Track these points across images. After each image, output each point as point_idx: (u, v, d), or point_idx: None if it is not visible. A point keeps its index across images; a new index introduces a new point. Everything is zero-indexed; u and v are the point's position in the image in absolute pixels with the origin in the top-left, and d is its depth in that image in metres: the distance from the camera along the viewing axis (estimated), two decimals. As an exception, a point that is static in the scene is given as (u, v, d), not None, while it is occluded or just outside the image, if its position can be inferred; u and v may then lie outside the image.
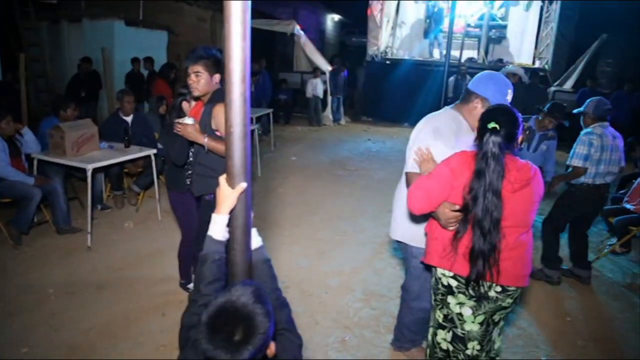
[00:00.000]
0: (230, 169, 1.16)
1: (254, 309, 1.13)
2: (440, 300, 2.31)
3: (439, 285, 2.28)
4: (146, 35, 10.95)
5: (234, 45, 1.08)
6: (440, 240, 2.22)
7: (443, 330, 2.34)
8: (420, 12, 14.08)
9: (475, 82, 2.46)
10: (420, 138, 2.42)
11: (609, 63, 11.55)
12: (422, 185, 2.14)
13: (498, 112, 2.09)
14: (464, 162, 2.09)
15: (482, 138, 2.04)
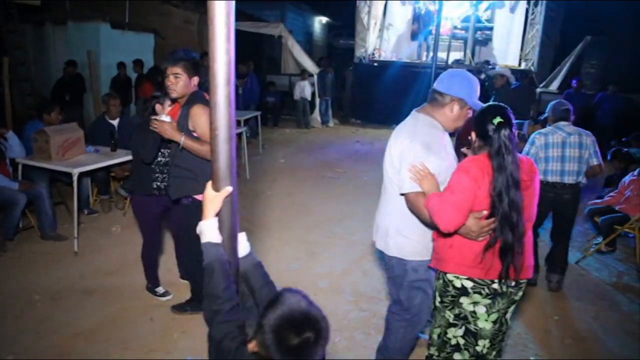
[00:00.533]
0: (216, 172, 1.16)
1: (316, 312, 1.17)
2: (450, 301, 2.30)
3: (449, 287, 2.26)
4: (132, 38, 10.87)
5: (218, 48, 1.07)
6: (457, 248, 2.19)
7: (454, 327, 2.34)
8: (408, 14, 14.16)
9: (445, 83, 2.35)
10: (413, 156, 2.24)
11: (593, 65, 11.70)
12: (450, 201, 2.05)
13: (496, 109, 2.13)
14: (480, 168, 2.09)
15: (490, 135, 2.08)
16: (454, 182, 2.12)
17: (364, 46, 13.56)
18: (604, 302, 4.04)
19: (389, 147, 2.44)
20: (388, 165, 2.43)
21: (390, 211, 2.46)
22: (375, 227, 2.62)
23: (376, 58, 13.91)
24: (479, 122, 2.17)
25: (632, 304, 4.01)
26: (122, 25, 10.73)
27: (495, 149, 2.05)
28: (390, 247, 2.48)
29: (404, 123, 2.49)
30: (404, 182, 2.26)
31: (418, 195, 2.21)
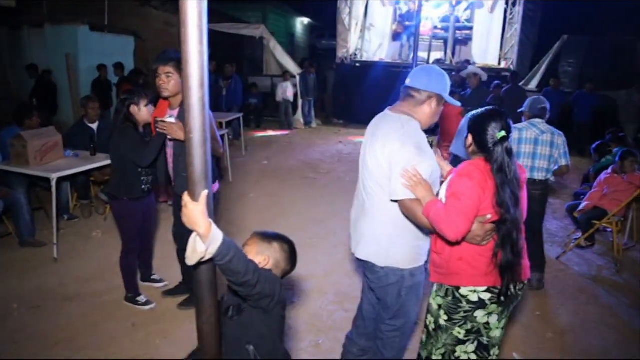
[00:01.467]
0: (191, 176, 1.15)
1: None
2: (462, 317, 2.19)
3: (463, 303, 2.17)
4: (112, 40, 10.76)
5: (191, 50, 1.07)
6: (468, 260, 2.13)
7: (464, 344, 2.25)
8: (388, 15, 14.25)
9: (422, 79, 2.28)
10: (406, 160, 2.13)
11: (570, 63, 11.91)
12: (457, 209, 1.99)
13: (499, 118, 2.08)
14: (482, 173, 2.05)
15: (491, 148, 2.05)
16: (457, 188, 2.04)
17: (346, 47, 13.62)
18: (583, 296, 4.11)
19: (372, 150, 2.29)
20: (374, 169, 2.27)
21: (381, 219, 2.32)
22: (359, 237, 2.44)
23: (358, 58, 13.97)
24: (478, 130, 2.12)
25: (611, 297, 4.09)
26: (101, 27, 10.61)
27: (499, 165, 2.02)
28: (383, 257, 2.33)
29: (384, 124, 2.33)
30: (397, 189, 2.15)
31: (413, 202, 2.12)
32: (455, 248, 2.12)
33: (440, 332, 2.28)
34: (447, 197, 2.06)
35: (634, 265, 4.78)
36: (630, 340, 3.48)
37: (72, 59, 9.71)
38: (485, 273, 2.11)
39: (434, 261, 2.27)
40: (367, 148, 2.37)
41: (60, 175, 4.32)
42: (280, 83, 12.02)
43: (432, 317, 2.33)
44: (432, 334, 2.33)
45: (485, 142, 2.06)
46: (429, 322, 2.36)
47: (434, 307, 2.32)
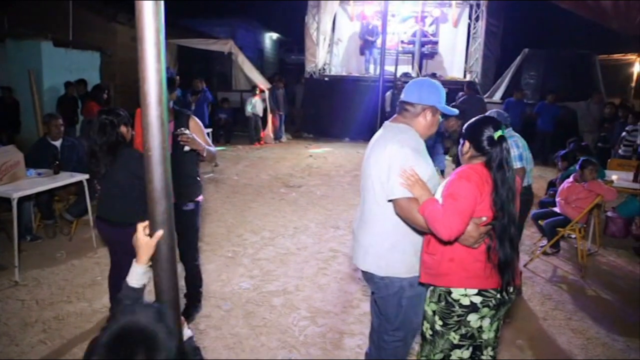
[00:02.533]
0: (151, 194, 1.13)
1: (155, 329, 1.07)
2: (455, 322, 2.23)
3: (455, 307, 2.20)
4: (77, 56, 10.56)
5: (148, 68, 1.06)
6: (459, 261, 2.17)
7: (459, 349, 2.30)
8: (355, 30, 14.45)
9: (415, 93, 2.35)
10: (404, 161, 2.19)
11: (532, 75, 12.30)
12: (453, 209, 2.02)
13: (494, 122, 2.19)
14: (480, 175, 2.12)
15: (488, 149, 2.14)
16: (455, 189, 2.09)
17: (314, 61, 13.73)
18: (551, 301, 4.19)
19: (373, 158, 2.34)
20: (375, 175, 2.30)
21: (381, 228, 2.35)
22: (359, 248, 2.46)
23: (327, 73, 14.10)
24: (474, 134, 2.19)
25: (577, 302, 4.18)
26: (66, 43, 10.41)
27: (498, 163, 2.11)
28: (383, 267, 2.35)
29: (383, 134, 2.41)
30: (394, 188, 2.19)
31: (410, 201, 2.15)
32: (448, 249, 2.16)
33: (437, 337, 2.32)
34: (444, 197, 2.10)
35: (597, 270, 4.92)
36: (595, 344, 3.56)
37: (36, 75, 9.48)
38: (476, 275, 2.16)
39: (425, 262, 2.29)
40: (367, 159, 2.42)
41: (22, 195, 4.19)
42: (250, 98, 12.01)
43: (428, 323, 2.36)
44: (430, 339, 2.36)
45: (484, 143, 2.15)
46: (425, 328, 2.39)
47: (429, 313, 2.35)
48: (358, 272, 4.56)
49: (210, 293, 4.00)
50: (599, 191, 4.73)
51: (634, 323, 3.89)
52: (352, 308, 3.91)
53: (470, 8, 13.54)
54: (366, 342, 3.41)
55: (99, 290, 4.03)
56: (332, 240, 5.44)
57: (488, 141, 2.15)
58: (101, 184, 3.21)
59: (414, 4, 13.48)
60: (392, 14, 12.87)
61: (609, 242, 5.70)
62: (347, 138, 12.89)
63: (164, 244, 1.19)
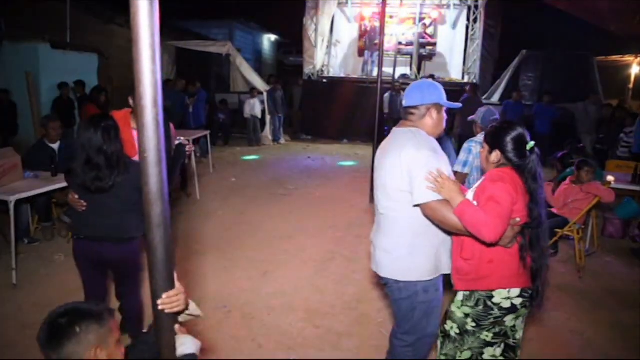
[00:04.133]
0: (147, 196, 1.13)
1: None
2: (490, 323, 2.27)
3: (494, 310, 2.23)
4: (75, 58, 10.55)
5: (144, 69, 1.06)
6: (499, 262, 2.19)
7: (491, 347, 2.33)
8: (354, 32, 14.48)
9: (416, 96, 2.37)
10: (425, 164, 2.18)
11: (529, 77, 12.33)
12: (498, 212, 2.04)
13: (518, 129, 2.22)
14: (512, 177, 2.15)
15: (525, 159, 2.17)
16: (494, 192, 2.09)
17: (313, 63, 13.76)
18: (549, 303, 4.18)
19: (387, 164, 2.33)
20: (392, 182, 2.29)
21: (399, 234, 2.34)
22: (379, 256, 2.44)
23: (325, 75, 14.13)
24: (505, 143, 2.20)
25: (574, 303, 4.18)
26: (63, 45, 10.40)
27: (533, 174, 2.16)
28: (401, 271, 2.35)
29: (393, 141, 2.39)
30: (422, 192, 2.16)
31: (441, 203, 2.14)
32: (485, 251, 2.17)
33: (466, 335, 2.34)
34: (485, 200, 2.10)
35: (595, 272, 4.92)
36: (593, 345, 3.56)
37: (33, 77, 9.47)
38: (517, 274, 2.19)
39: (460, 269, 2.29)
40: (378, 165, 2.44)
41: (19, 198, 4.17)
42: (248, 100, 12.01)
43: (455, 323, 2.37)
44: (456, 338, 2.38)
45: (516, 153, 2.18)
46: (450, 327, 2.40)
47: (458, 315, 2.35)
48: (356, 274, 4.57)
49: (208, 295, 3.99)
50: (597, 193, 4.73)
51: (632, 324, 3.89)
52: (350, 310, 3.90)
53: (468, 10, 13.60)
54: (364, 343, 3.43)
55: (96, 292, 4.01)
56: (330, 242, 5.43)
57: (521, 152, 2.18)
58: (90, 198, 2.78)
59: (412, 6, 13.51)
60: (390, 15, 12.89)
61: (607, 244, 5.71)
62: (345, 140, 12.90)
63: (161, 247, 1.18)
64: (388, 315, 3.83)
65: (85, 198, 2.80)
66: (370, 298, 4.13)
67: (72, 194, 2.85)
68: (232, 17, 20.40)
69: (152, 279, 1.22)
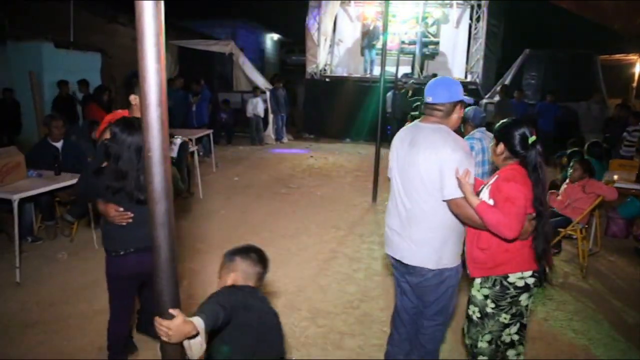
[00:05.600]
0: (152, 194, 1.13)
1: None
2: (508, 303, 2.45)
3: (510, 289, 2.42)
4: (78, 57, 10.59)
5: (149, 68, 1.06)
6: (514, 251, 2.37)
7: (508, 328, 2.50)
8: (357, 31, 14.46)
9: (445, 93, 2.45)
10: (458, 164, 2.31)
11: (532, 76, 12.29)
12: (515, 212, 2.21)
13: (524, 125, 2.38)
14: (522, 175, 2.33)
15: (522, 152, 2.34)
16: (509, 192, 2.26)
17: (315, 62, 13.74)
18: (552, 302, 4.18)
19: (420, 159, 2.40)
20: (424, 177, 2.40)
21: (433, 224, 2.46)
22: (412, 246, 2.52)
23: (327, 74, 14.12)
24: (509, 138, 2.37)
25: (577, 303, 4.18)
26: (67, 44, 10.43)
27: (533, 166, 2.32)
28: (435, 260, 2.48)
29: (425, 135, 2.45)
30: (452, 189, 2.33)
31: (465, 199, 2.32)
32: (502, 242, 2.34)
33: (486, 319, 2.51)
34: (502, 201, 2.26)
35: (598, 271, 4.91)
36: (597, 344, 3.55)
37: (36, 77, 9.50)
38: (529, 260, 2.40)
39: (476, 258, 2.47)
40: (407, 159, 2.51)
41: (22, 196, 4.18)
42: (251, 99, 12.01)
43: (476, 307, 2.54)
44: (477, 322, 2.55)
45: (518, 147, 2.35)
46: (472, 312, 2.56)
47: (478, 298, 2.52)
48: (359, 273, 4.57)
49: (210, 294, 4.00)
50: (600, 192, 4.71)
51: (635, 324, 3.89)
52: (352, 309, 3.91)
53: (471, 9, 13.55)
54: (367, 342, 3.43)
55: (99, 291, 4.01)
56: (333, 240, 5.44)
57: (523, 145, 2.34)
58: (132, 207, 2.63)
59: (414, 5, 13.48)
60: (392, 14, 12.87)
61: (610, 243, 5.70)
62: (348, 139, 12.89)
63: (165, 245, 1.19)
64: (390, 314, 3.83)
65: (129, 208, 2.62)
66: (372, 297, 4.13)
67: (112, 207, 2.58)
68: (235, 17, 20.43)
69: (155, 277, 1.23)
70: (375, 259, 4.96)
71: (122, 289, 2.85)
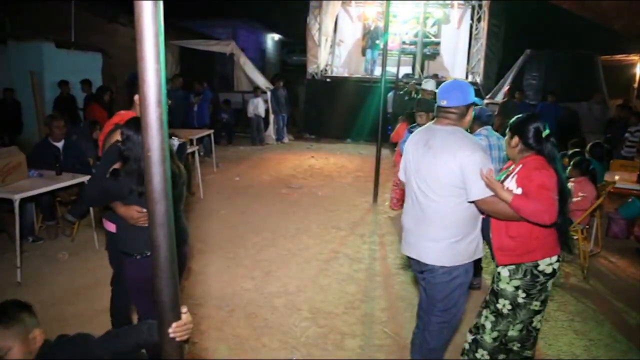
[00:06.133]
0: (151, 195, 1.13)
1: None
2: (538, 290, 2.57)
3: (540, 277, 2.53)
4: (79, 57, 10.60)
5: (148, 68, 1.06)
6: (543, 237, 2.49)
7: (539, 314, 2.67)
8: (358, 31, 14.47)
9: (460, 97, 2.53)
10: (481, 164, 2.39)
11: (534, 76, 12.28)
12: (553, 199, 2.35)
13: (537, 120, 2.56)
14: (543, 163, 2.47)
15: (542, 144, 2.50)
16: (542, 180, 2.39)
17: (316, 62, 13.73)
18: (553, 303, 4.17)
19: (439, 161, 2.48)
20: (443, 181, 2.48)
21: (449, 222, 2.53)
22: (427, 245, 2.60)
23: (328, 74, 14.12)
24: (524, 131, 2.53)
25: (578, 304, 4.17)
26: (68, 44, 10.44)
27: (550, 157, 2.49)
28: (450, 257, 2.56)
29: (442, 137, 2.52)
30: (479, 189, 2.40)
31: (494, 197, 2.39)
32: (532, 229, 2.46)
33: (518, 309, 2.62)
34: (537, 188, 2.37)
35: (599, 272, 4.90)
36: (598, 345, 3.55)
37: (37, 77, 9.51)
38: (554, 245, 2.54)
39: (505, 246, 2.55)
40: (423, 161, 2.58)
41: (24, 196, 4.19)
42: (251, 99, 12.01)
43: (506, 299, 2.63)
44: (508, 314, 2.64)
45: (532, 140, 2.50)
46: (502, 305, 2.65)
47: (509, 290, 2.61)
48: (360, 273, 4.57)
49: (211, 294, 4.00)
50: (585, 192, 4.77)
51: (636, 324, 3.88)
52: (353, 309, 3.90)
53: (472, 9, 13.55)
54: (368, 342, 3.43)
55: (100, 291, 4.02)
56: (334, 241, 5.44)
57: (537, 138, 2.50)
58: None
59: (415, 5, 13.48)
60: (393, 14, 12.87)
61: (611, 244, 5.69)
62: (348, 139, 12.89)
63: (164, 245, 1.19)
64: (391, 315, 3.84)
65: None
66: (373, 297, 4.14)
67: (135, 208, 2.53)
68: (235, 17, 20.43)
69: (155, 277, 1.23)
70: (376, 259, 4.95)
71: (149, 290, 2.81)
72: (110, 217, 2.87)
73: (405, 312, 3.89)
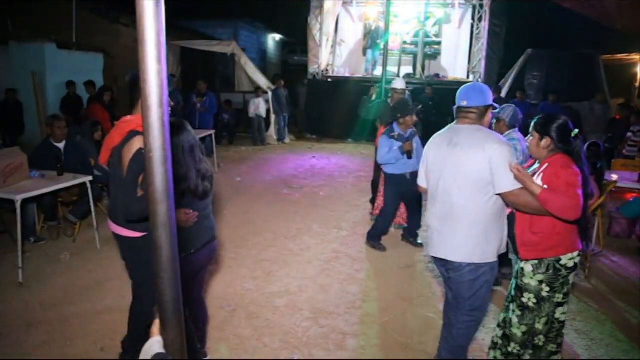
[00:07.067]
0: (153, 195, 1.13)
1: None
2: (561, 283, 2.66)
3: (562, 271, 2.63)
4: (80, 58, 10.60)
5: (149, 69, 1.06)
6: (565, 233, 2.58)
7: (561, 307, 2.76)
8: (359, 31, 14.46)
9: (480, 98, 2.62)
10: (509, 158, 2.47)
11: (535, 76, 12.28)
12: (579, 195, 2.41)
13: (565, 120, 2.62)
14: (569, 162, 2.55)
15: (572, 143, 2.58)
16: (570, 178, 2.46)
17: (317, 62, 13.74)
18: (554, 303, 4.18)
19: (465, 159, 2.54)
20: (473, 178, 2.53)
21: (477, 220, 2.58)
22: (454, 242, 2.64)
23: (330, 74, 14.11)
24: (557, 133, 2.59)
25: (580, 303, 4.17)
26: (69, 45, 10.45)
27: (578, 155, 2.58)
28: (478, 255, 2.60)
29: (467, 135, 2.59)
30: (507, 181, 2.45)
31: (522, 190, 2.44)
32: (555, 224, 2.54)
33: (543, 303, 2.71)
34: (565, 186, 2.44)
35: (601, 271, 4.89)
36: (599, 344, 3.55)
37: (39, 77, 9.52)
38: (576, 240, 2.63)
39: (529, 241, 2.65)
40: (448, 159, 2.63)
41: (25, 197, 4.20)
42: (253, 99, 12.01)
43: (531, 293, 2.72)
44: (534, 307, 2.73)
45: (563, 139, 2.57)
46: (527, 299, 2.73)
47: (533, 285, 2.70)
48: (361, 273, 4.57)
49: (213, 294, 4.00)
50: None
51: (638, 324, 3.88)
52: (354, 309, 3.90)
53: (473, 9, 13.53)
54: (369, 342, 3.44)
55: (102, 291, 4.04)
56: (335, 241, 5.44)
57: (567, 137, 2.57)
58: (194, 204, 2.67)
59: (416, 5, 13.47)
60: (394, 14, 12.86)
61: (613, 243, 5.68)
62: (350, 139, 12.89)
63: (166, 245, 1.19)
64: (393, 315, 3.83)
65: (191, 207, 2.63)
66: (374, 297, 4.13)
67: (181, 211, 2.55)
68: (236, 17, 20.44)
69: (156, 278, 1.22)
70: (377, 260, 4.95)
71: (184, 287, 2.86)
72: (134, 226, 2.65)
73: (406, 312, 3.89)
